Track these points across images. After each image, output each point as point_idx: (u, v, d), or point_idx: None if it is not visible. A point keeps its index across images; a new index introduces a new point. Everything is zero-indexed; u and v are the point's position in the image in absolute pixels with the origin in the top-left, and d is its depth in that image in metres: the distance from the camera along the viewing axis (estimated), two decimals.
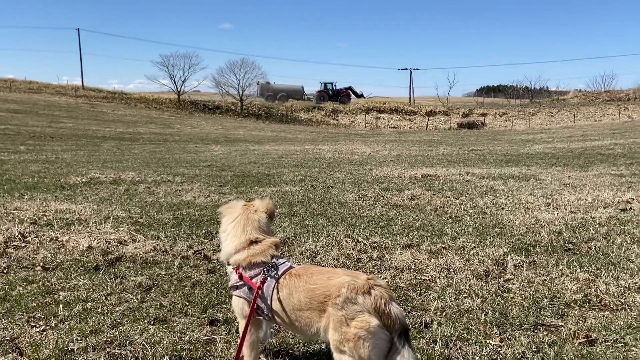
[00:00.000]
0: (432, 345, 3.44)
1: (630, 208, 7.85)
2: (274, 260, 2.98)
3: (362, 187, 10.72)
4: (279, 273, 2.89)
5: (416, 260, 5.30)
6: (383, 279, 4.77)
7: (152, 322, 3.79)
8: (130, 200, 8.98)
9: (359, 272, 2.84)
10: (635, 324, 3.70)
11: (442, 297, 4.31)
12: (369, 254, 5.60)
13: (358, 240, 6.11)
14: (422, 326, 3.77)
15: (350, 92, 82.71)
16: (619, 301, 4.11)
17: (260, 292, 2.88)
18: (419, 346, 3.40)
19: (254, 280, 2.93)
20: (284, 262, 2.99)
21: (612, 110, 66.31)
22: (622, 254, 5.39)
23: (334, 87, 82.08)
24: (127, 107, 63.60)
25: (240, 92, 72.84)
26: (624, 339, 3.50)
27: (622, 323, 3.74)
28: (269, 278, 2.89)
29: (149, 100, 70.50)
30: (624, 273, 4.76)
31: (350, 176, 12.98)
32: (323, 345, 3.31)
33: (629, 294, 4.25)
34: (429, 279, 4.79)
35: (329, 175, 13.25)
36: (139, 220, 7.31)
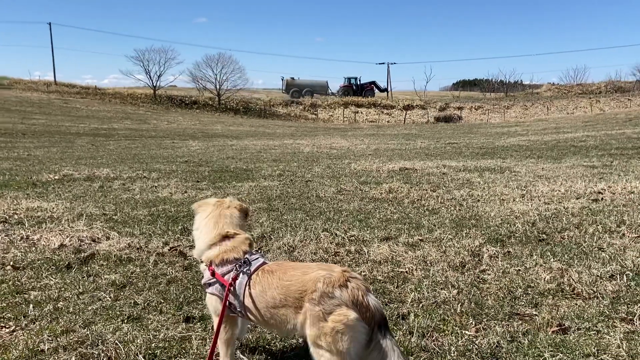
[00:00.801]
0: (408, 337, 3.46)
1: (602, 198, 8.02)
2: (247, 256, 2.92)
3: (341, 181, 10.73)
4: (252, 269, 2.83)
5: (394, 253, 5.32)
6: (361, 272, 4.78)
7: (125, 321, 3.72)
8: (105, 197, 8.81)
9: (333, 265, 2.81)
10: (607, 312, 3.77)
11: (419, 289, 4.33)
12: (347, 248, 5.60)
13: (336, 234, 6.10)
14: (399, 318, 3.78)
15: (374, 86, 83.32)
16: (591, 290, 4.18)
17: (232, 289, 2.83)
18: (396, 338, 3.40)
19: (226, 277, 2.87)
20: (257, 258, 2.93)
21: (584, 103, 67.74)
22: (594, 244, 5.50)
23: (358, 82, 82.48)
24: (101, 102, 62.45)
25: (218, 86, 72.20)
26: (596, 326, 3.57)
27: (594, 311, 3.80)
28: (241, 274, 2.83)
29: (124, 96, 69.34)
30: (596, 262, 4.85)
31: (329, 170, 12.98)
32: (300, 340, 3.29)
33: (600, 282, 4.33)
34: (406, 271, 4.81)
35: (308, 169, 13.23)
36: (114, 217, 7.17)
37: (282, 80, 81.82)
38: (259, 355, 3.31)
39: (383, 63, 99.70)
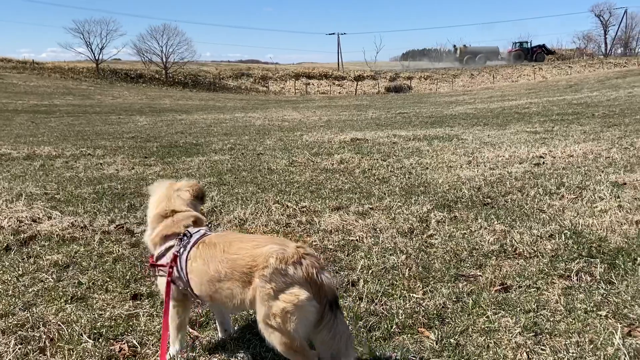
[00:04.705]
0: (358, 302, 3.52)
1: (543, 162, 8.36)
2: (188, 229, 2.81)
3: (293, 153, 10.68)
4: (191, 242, 2.73)
5: (344, 222, 5.37)
6: (312, 242, 4.81)
7: (69, 301, 3.59)
8: (46, 176, 8.42)
9: (286, 240, 2.69)
10: (547, 270, 3.96)
11: (368, 256, 4.40)
12: (298, 219, 5.60)
13: (287, 206, 6.09)
14: (349, 285, 3.84)
15: (543, 50, 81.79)
16: (532, 249, 4.38)
17: (175, 265, 2.72)
18: (346, 304, 3.46)
19: (168, 254, 2.77)
20: (198, 230, 2.82)
21: (527, 71, 69.93)
22: (535, 206, 5.74)
23: (530, 46, 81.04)
24: (40, 77, 59.02)
25: (164, 59, 69.70)
26: (536, 284, 3.74)
27: (534, 269, 3.99)
28: (181, 249, 2.73)
29: (64, 70, 65.69)
30: (537, 223, 5.07)
31: (281, 143, 12.89)
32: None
33: (540, 242, 4.53)
34: (357, 239, 4.87)
35: (259, 142, 13.08)
36: (56, 196, 6.87)
37: (455, 48, 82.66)
38: (210, 332, 3.28)
39: (333, 33, 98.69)
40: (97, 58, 70.20)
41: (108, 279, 4.00)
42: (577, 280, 3.76)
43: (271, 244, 2.51)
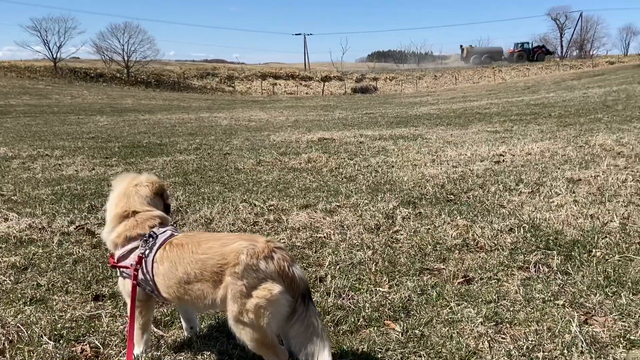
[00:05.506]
0: (325, 297, 3.55)
1: (503, 160, 8.61)
2: (153, 230, 2.72)
3: (260, 153, 10.64)
4: (157, 244, 2.64)
5: (312, 220, 5.39)
6: (280, 239, 4.80)
7: (27, 303, 3.49)
8: (2, 178, 8.13)
9: (255, 235, 2.65)
10: (507, 262, 4.09)
11: (336, 252, 4.44)
12: (266, 217, 5.59)
13: (255, 204, 6.07)
14: (317, 281, 3.86)
15: (543, 51, 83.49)
16: (493, 242, 4.51)
17: (140, 268, 2.64)
18: (314, 299, 3.47)
19: (132, 256, 2.68)
20: (164, 231, 2.72)
21: (488, 72, 71.75)
22: (495, 201, 5.91)
23: (530, 47, 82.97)
24: None
25: (126, 58, 68.12)
26: (497, 275, 3.86)
27: (495, 262, 4.11)
28: (146, 251, 2.64)
29: (20, 69, 63.27)
30: (497, 217, 5.22)
31: (248, 143, 12.81)
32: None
33: (501, 235, 4.67)
34: (324, 236, 4.91)
35: (226, 142, 12.96)
36: (12, 197, 6.64)
37: (461, 48, 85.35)
38: (176, 330, 3.24)
39: (300, 34, 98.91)
40: (54, 57, 68.06)
41: (68, 281, 3.89)
42: (535, 271, 3.89)
43: (240, 241, 2.48)
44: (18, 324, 3.15)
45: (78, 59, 76.93)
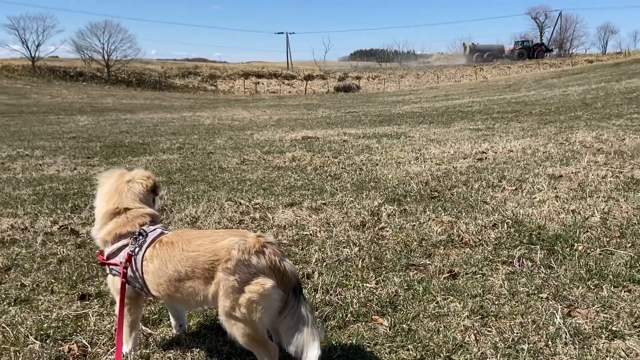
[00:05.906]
0: (313, 294, 3.56)
1: (486, 157, 8.73)
2: (143, 228, 2.70)
3: (244, 152, 10.61)
4: (147, 242, 2.63)
5: (298, 217, 5.41)
6: None
7: (12, 304, 3.44)
8: None
9: (244, 231, 2.65)
10: (491, 257, 4.15)
11: (322, 249, 4.46)
12: (251, 215, 5.58)
13: (240, 203, 6.06)
14: (305, 277, 3.87)
15: (542, 48, 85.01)
16: (477, 238, 4.57)
17: (129, 266, 2.63)
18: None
19: (121, 254, 2.66)
20: (154, 229, 2.71)
21: (469, 71, 72.49)
22: (479, 198, 5.99)
23: (531, 44, 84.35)
24: None
25: (106, 57, 67.21)
26: (481, 270, 3.92)
27: (479, 257, 4.17)
28: (136, 249, 2.63)
29: None
30: (481, 213, 5.30)
31: (231, 142, 12.76)
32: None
33: (485, 231, 4.74)
34: (310, 234, 4.92)
35: (209, 141, 12.90)
36: None
37: (464, 46, 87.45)
38: (164, 328, 3.23)
39: (282, 33, 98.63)
40: (33, 55, 66.84)
41: (53, 280, 3.84)
42: (519, 265, 3.96)
43: (231, 237, 2.47)
44: (3, 324, 3.11)
45: (57, 57, 75.61)
